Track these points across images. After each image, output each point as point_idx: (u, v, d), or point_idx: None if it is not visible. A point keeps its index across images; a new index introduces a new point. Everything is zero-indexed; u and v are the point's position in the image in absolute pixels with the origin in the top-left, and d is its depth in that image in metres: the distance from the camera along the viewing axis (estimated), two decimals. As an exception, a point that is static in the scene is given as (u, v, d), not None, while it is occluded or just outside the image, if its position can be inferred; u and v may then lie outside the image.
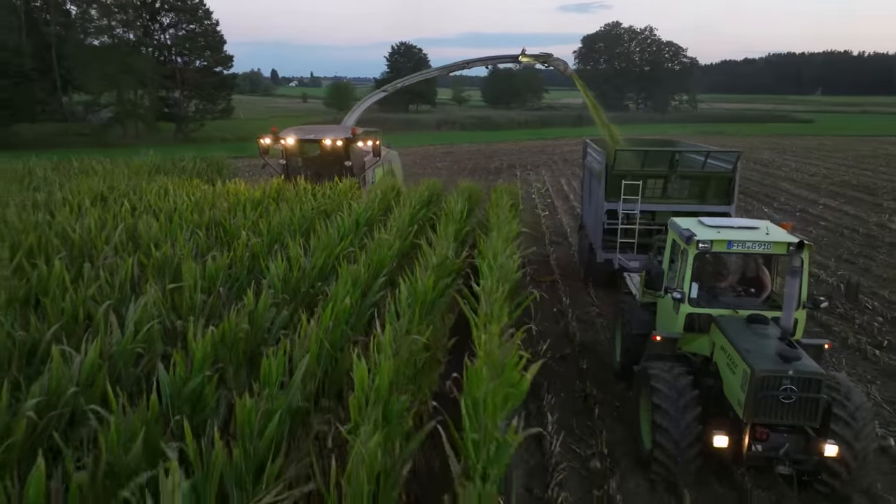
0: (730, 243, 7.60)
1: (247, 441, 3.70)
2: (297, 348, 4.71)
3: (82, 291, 5.74)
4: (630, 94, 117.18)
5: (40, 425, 3.92)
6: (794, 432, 6.61)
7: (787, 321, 6.78)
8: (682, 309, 7.78)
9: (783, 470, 6.53)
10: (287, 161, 18.00)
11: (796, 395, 6.32)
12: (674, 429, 6.65)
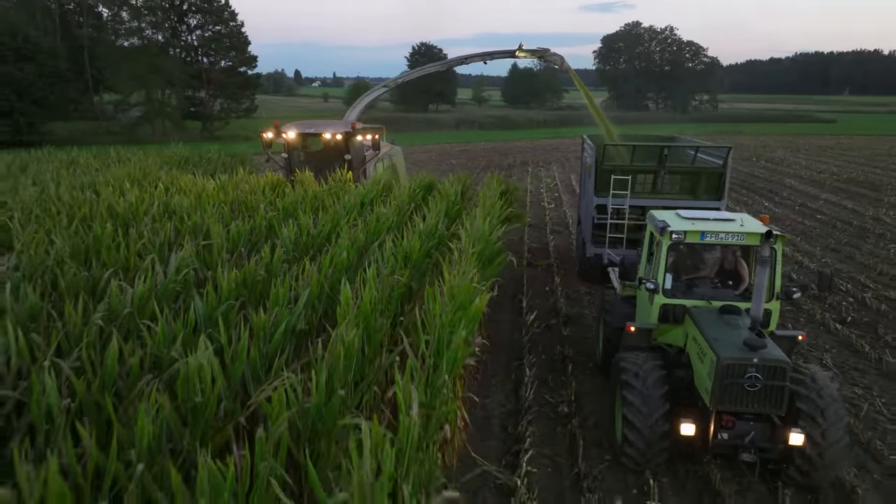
0: (703, 234, 7.63)
1: (261, 343, 4.93)
2: (301, 285, 5.94)
3: (131, 246, 7.06)
4: (650, 94, 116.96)
5: (105, 332, 5.19)
6: (759, 421, 6.70)
7: (756, 311, 6.78)
8: (657, 300, 7.85)
9: (747, 457, 6.62)
10: (289, 155, 18.39)
11: (761, 383, 6.38)
12: (642, 419, 6.72)
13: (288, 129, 17.85)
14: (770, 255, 6.77)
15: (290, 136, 17.80)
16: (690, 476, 7.21)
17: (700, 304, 7.72)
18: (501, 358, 10.53)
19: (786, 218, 22.39)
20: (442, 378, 4.76)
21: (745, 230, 7.56)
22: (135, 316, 5.41)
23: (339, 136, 17.70)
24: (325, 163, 17.20)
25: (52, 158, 16.28)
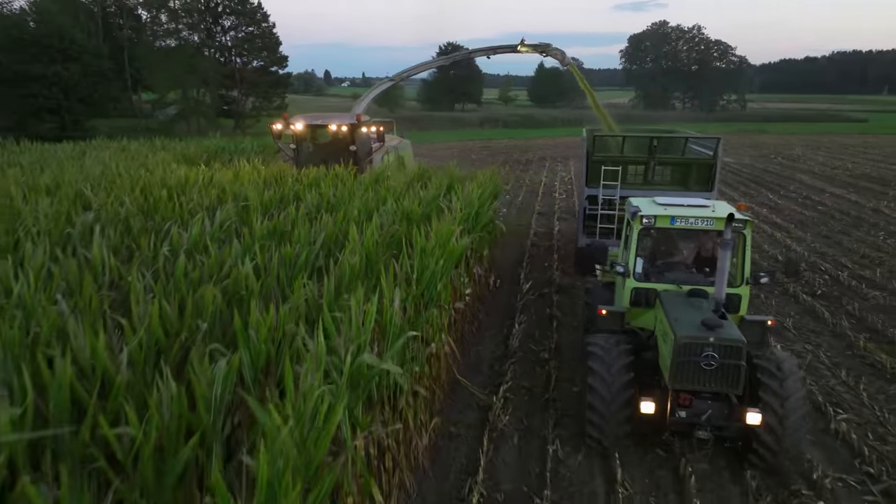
0: (673, 219, 7.70)
1: (287, 266, 6.49)
2: (319, 230, 7.50)
3: (184, 206, 8.72)
4: (677, 94, 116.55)
5: (169, 261, 6.82)
6: (717, 400, 6.81)
7: (719, 293, 6.88)
8: (628, 284, 7.97)
9: (702, 434, 6.74)
10: (297, 146, 18.69)
11: (717, 362, 6.45)
12: (604, 404, 6.82)
13: (296, 121, 18.35)
14: (733, 238, 6.85)
15: (297, 128, 18.27)
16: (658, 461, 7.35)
17: (671, 288, 7.77)
18: (497, 318, 12.01)
19: (786, 208, 23.34)
20: (422, 289, 6.27)
21: (716, 216, 7.56)
22: (192, 250, 7.02)
23: (344, 128, 18.16)
24: (333, 154, 17.62)
25: (105, 147, 18.24)
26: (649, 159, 13.31)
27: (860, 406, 8.62)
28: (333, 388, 3.82)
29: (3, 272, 5.46)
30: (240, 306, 5.19)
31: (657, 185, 13.60)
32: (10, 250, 6.38)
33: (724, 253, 6.72)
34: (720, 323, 6.59)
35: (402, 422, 5.89)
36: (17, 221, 7.57)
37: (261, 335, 4.44)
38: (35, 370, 3.60)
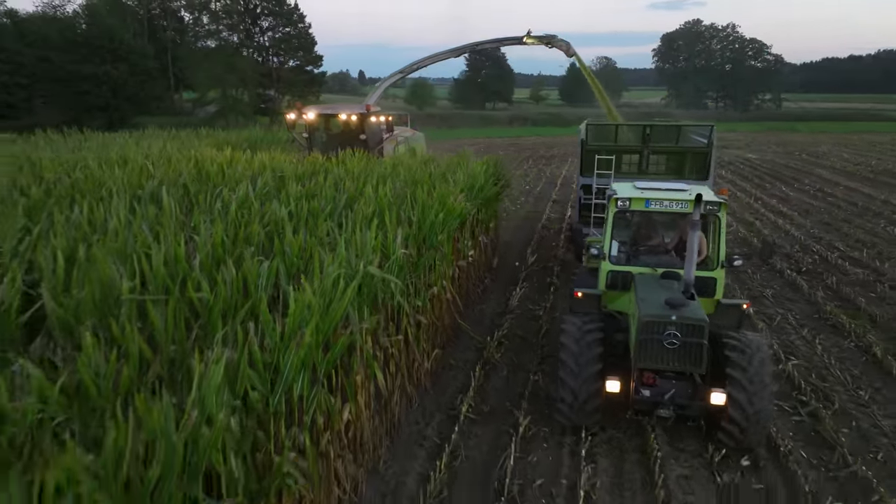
0: (648, 202, 7.72)
1: (317, 216, 8.03)
2: (341, 194, 9.05)
3: (231, 176, 10.39)
4: (710, 93, 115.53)
5: (222, 212, 8.43)
6: (681, 379, 6.83)
7: (688, 274, 6.93)
8: (604, 266, 7.99)
9: (663, 412, 6.75)
10: (310, 135, 19.13)
11: (680, 341, 6.49)
12: (574, 380, 6.89)
13: (308, 111, 18.94)
14: (700, 219, 6.89)
15: (310, 117, 18.77)
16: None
17: (647, 271, 7.83)
18: (501, 285, 13.43)
19: (795, 199, 24.14)
20: (423, 234, 7.79)
21: (690, 199, 7.43)
22: (239, 206, 8.63)
23: (354, 117, 18.73)
24: (344, 142, 17.95)
25: (157, 135, 20.25)
26: (643, 148, 13.27)
27: (812, 355, 9.80)
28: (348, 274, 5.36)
29: (99, 213, 7.14)
30: (278, 237, 6.75)
31: (652, 174, 13.45)
32: (99, 201, 8.06)
33: (693, 234, 6.81)
34: (684, 302, 6.66)
35: (404, 338, 7.37)
36: (101, 184, 9.34)
37: (293, 251, 5.99)
38: (138, 264, 5.20)
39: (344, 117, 19.08)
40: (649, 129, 13.34)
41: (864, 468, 6.74)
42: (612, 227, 8.06)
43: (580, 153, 13.44)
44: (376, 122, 19.15)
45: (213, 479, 3.91)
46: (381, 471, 6.75)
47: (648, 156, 13.36)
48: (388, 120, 19.64)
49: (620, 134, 13.94)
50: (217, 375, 3.56)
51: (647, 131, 13.28)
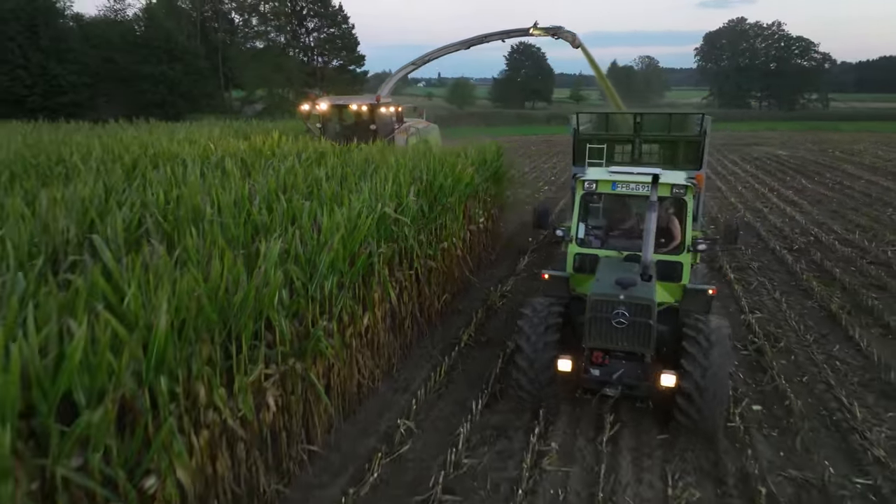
0: (614, 184, 7.68)
1: (349, 177, 9.90)
2: (370, 164, 10.94)
3: (277, 153, 12.43)
4: (754, 93, 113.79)
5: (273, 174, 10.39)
6: (632, 360, 6.78)
7: (645, 256, 6.93)
8: (571, 249, 7.97)
9: (609, 391, 6.81)
10: (323, 125, 19.80)
11: (628, 321, 6.47)
12: (529, 363, 6.97)
13: (321, 102, 19.59)
14: (657, 200, 6.89)
15: (322, 108, 19.49)
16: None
17: (613, 254, 7.82)
18: (513, 254, 15.14)
19: (811, 191, 24.99)
20: (434, 193, 9.59)
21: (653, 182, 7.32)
22: (287, 171, 10.59)
23: (364, 108, 19.43)
24: (356, 132, 18.53)
25: (214, 124, 22.67)
26: (634, 137, 13.06)
27: (776, 311, 11.20)
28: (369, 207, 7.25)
29: (178, 173, 9.17)
30: (317, 188, 8.64)
31: (644, 164, 13.12)
32: (176, 167, 10.11)
33: (650, 215, 6.83)
34: (634, 282, 6.65)
35: (416, 276, 9.17)
36: (176, 155, 11.46)
37: (328, 193, 7.87)
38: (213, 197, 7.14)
39: (355, 108, 19.81)
40: (639, 118, 13.11)
41: (787, 385, 8.22)
42: (580, 210, 8.05)
43: (572, 142, 13.27)
44: (386, 112, 19.79)
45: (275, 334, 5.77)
46: (394, 374, 8.59)
47: (640, 145, 13.08)
48: (397, 111, 20.32)
49: (612, 123, 13.96)
50: (274, 252, 5.43)
51: (638, 120, 13.07)
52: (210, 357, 4.80)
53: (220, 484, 5.03)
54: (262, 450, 5.66)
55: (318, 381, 6.33)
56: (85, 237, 5.93)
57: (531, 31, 23.89)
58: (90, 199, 7.02)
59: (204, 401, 4.76)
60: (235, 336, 5.12)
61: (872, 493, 6.11)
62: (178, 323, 4.42)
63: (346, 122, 20.53)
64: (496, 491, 6.17)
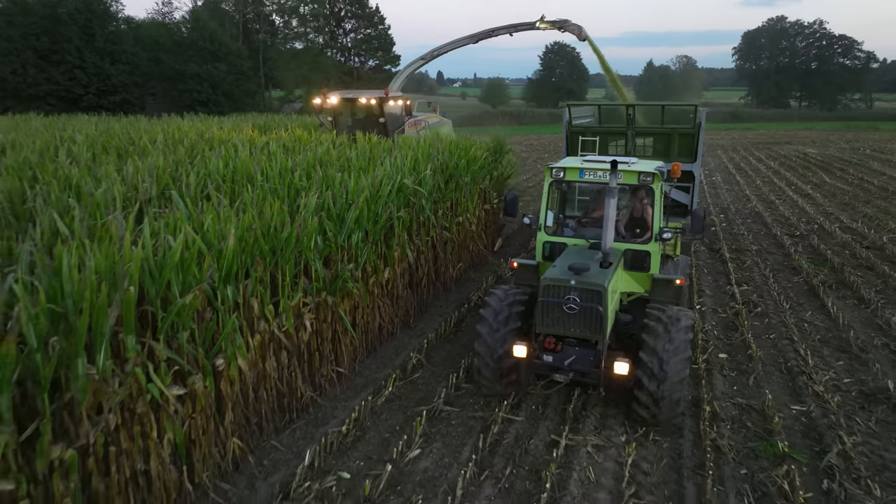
0: (581, 172, 7.60)
1: (376, 156, 11.38)
2: (395, 148, 12.41)
3: (316, 139, 14.02)
4: (794, 93, 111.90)
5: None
6: (585, 347, 6.71)
7: (604, 243, 6.91)
8: (540, 237, 7.99)
9: (558, 377, 6.75)
10: (334, 119, 20.25)
11: (579, 306, 6.42)
12: (488, 352, 7.04)
13: (332, 96, 19.95)
14: (616, 187, 6.85)
15: (332, 102, 19.85)
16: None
17: (581, 242, 7.80)
18: (526, 233, 16.42)
19: (829, 185, 25.53)
20: (449, 172, 10.98)
21: (623, 170, 7.42)
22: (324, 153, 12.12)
23: (373, 101, 19.63)
24: (366, 125, 18.79)
25: (256, 118, 24.55)
26: (626, 130, 12.78)
27: (762, 284, 12.27)
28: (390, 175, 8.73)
29: (231, 152, 10.78)
30: (348, 164, 10.13)
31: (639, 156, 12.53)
32: (229, 148, 11.73)
33: (609, 202, 6.81)
34: (587, 267, 6.62)
35: (432, 244, 10.59)
36: (227, 140, 13.14)
37: (356, 166, 9.35)
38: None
39: (363, 101, 20.06)
40: (631, 111, 12.81)
41: (754, 339, 9.37)
42: (549, 198, 8.04)
43: (565, 135, 13.22)
44: (395, 106, 20.14)
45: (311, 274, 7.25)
46: (410, 324, 10.02)
47: (633, 137, 12.79)
48: (406, 104, 20.70)
49: (604, 115, 13.71)
50: (311, 203, 6.92)
51: (630, 112, 12.77)
52: (262, 279, 6.29)
53: (268, 380, 6.53)
54: (301, 362, 7.15)
55: (345, 315, 7.80)
56: (164, 194, 7.52)
57: (538, 24, 23.69)
58: (164, 168, 8.64)
59: (257, 312, 6.26)
60: (281, 268, 6.61)
61: (804, 417, 7.28)
62: (240, 248, 5.91)
63: (358, 115, 20.87)
64: (488, 406, 7.53)
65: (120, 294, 4.47)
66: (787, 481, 5.90)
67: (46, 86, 52.22)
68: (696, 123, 12.28)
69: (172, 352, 5.23)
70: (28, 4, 53.13)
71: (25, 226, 6.09)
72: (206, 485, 5.66)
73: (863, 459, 6.33)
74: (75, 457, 4.29)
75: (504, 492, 5.91)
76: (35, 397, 4.09)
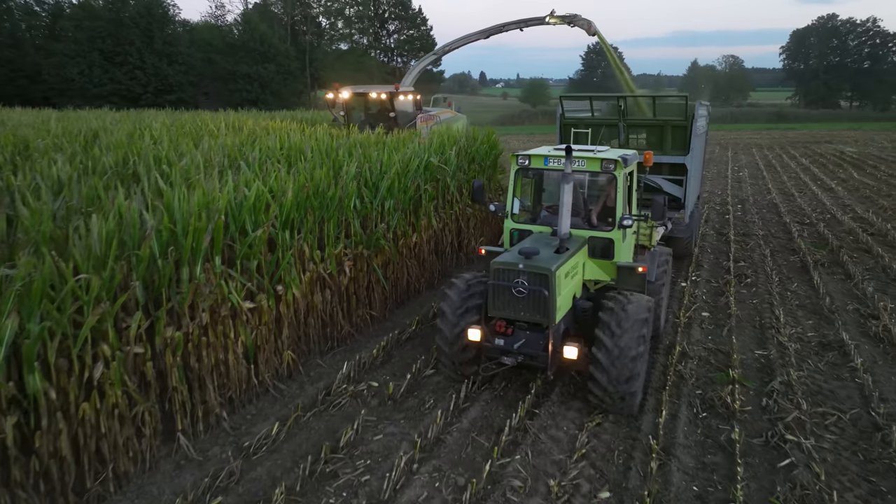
0: (546, 159, 7.67)
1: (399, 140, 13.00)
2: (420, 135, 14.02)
3: (353, 129, 15.77)
4: (846, 93, 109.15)
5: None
6: (535, 331, 6.75)
7: (560, 229, 7.01)
8: (507, 224, 8.08)
9: (505, 360, 6.76)
10: (347, 113, 20.55)
11: (527, 290, 6.48)
12: (446, 340, 7.17)
13: (343, 90, 20.27)
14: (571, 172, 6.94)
15: (344, 96, 20.19)
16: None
17: (546, 230, 7.80)
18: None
19: (856, 181, 25.95)
20: (472, 154, 12.51)
21: (586, 157, 7.50)
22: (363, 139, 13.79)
23: (383, 96, 20.10)
24: (377, 120, 19.20)
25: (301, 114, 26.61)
26: (618, 122, 12.52)
27: (760, 262, 13.38)
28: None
29: (285, 138, 12.56)
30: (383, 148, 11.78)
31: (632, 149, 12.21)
32: (283, 134, 13.53)
33: (565, 187, 6.89)
34: (536, 251, 6.66)
35: (455, 218, 12.14)
36: (281, 128, 14.99)
37: (390, 146, 10.98)
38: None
39: (374, 96, 20.47)
40: (622, 103, 12.50)
41: (735, 303, 10.61)
42: (514, 185, 8.11)
43: (558, 127, 13.07)
44: (405, 100, 20.41)
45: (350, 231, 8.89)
46: (434, 285, 11.59)
47: (626, 129, 12.62)
48: (416, 99, 21.06)
49: (596, 107, 13.35)
50: (351, 170, 8.57)
51: (621, 104, 12.46)
52: (312, 229, 7.95)
53: (315, 311, 8.19)
54: (341, 301, 8.80)
55: (378, 268, 9.42)
56: (234, 164, 9.30)
57: (547, 19, 23.72)
58: (231, 146, 10.44)
59: (307, 255, 7.92)
60: (326, 222, 8.26)
61: (763, 359, 8.55)
62: (295, 202, 7.58)
63: (371, 110, 21.23)
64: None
65: (212, 222, 6.17)
66: (730, 397, 7.24)
67: (110, 85, 55.83)
68: (687, 116, 12.02)
69: (243, 278, 6.92)
70: (95, 9, 56.92)
71: (129, 183, 7.91)
72: (268, 383, 7.35)
73: (801, 387, 7.60)
74: (181, 338, 5.99)
75: (497, 398, 7.42)
76: (159, 291, 5.82)
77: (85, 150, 10.28)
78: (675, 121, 12.22)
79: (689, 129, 11.98)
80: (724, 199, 21.61)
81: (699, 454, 6.28)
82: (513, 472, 5.84)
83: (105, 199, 6.44)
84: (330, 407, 7.18)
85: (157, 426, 5.89)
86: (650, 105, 12.99)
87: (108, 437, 5.40)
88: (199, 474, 5.83)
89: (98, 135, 12.72)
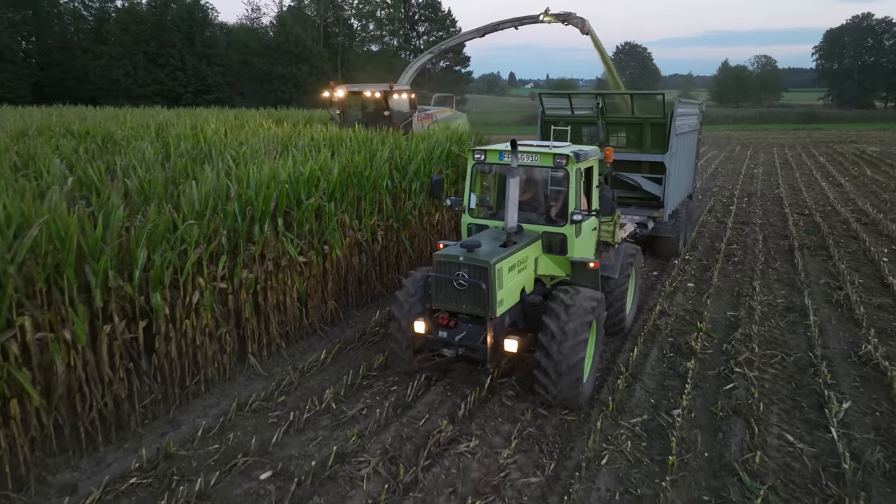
0: (501, 154, 7.75)
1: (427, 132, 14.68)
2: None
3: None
4: (880, 93, 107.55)
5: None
6: (477, 324, 6.78)
7: (506, 223, 7.11)
8: (463, 219, 8.19)
9: (445, 352, 6.79)
10: (343, 112, 20.68)
11: (467, 282, 6.58)
12: (399, 322, 7.22)
13: (339, 89, 20.47)
14: (517, 166, 7.05)
15: (339, 95, 20.33)
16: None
17: (500, 224, 7.70)
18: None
19: (868, 177, 26.86)
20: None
21: (540, 152, 7.57)
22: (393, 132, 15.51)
23: (378, 94, 20.22)
24: (373, 118, 19.31)
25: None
26: (598, 120, 12.56)
27: (752, 244, 14.73)
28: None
29: (324, 129, 14.34)
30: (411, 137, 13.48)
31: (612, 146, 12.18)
32: (322, 127, 15.32)
33: (511, 181, 7.00)
34: (478, 244, 6.77)
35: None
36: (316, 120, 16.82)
37: (417, 137, 12.66)
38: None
39: (368, 94, 20.57)
40: (601, 101, 12.55)
41: (721, 275, 12.03)
42: (471, 181, 8.14)
43: (539, 124, 13.22)
44: (399, 99, 20.58)
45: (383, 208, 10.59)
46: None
47: (606, 126, 12.68)
48: (411, 98, 21.32)
49: (576, 105, 13.33)
50: (384, 155, 10.28)
51: (600, 103, 12.50)
52: (351, 202, 9.68)
53: (353, 270, 9.92)
54: (374, 265, 10.50)
55: (405, 240, 11.11)
56: (285, 151, 11.10)
57: (541, 17, 23.89)
58: (280, 136, 12.26)
59: (347, 224, 9.65)
60: (363, 198, 9.98)
61: (732, 318, 9.99)
62: (339, 179, 9.31)
63: (367, 109, 21.28)
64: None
65: (277, 189, 7.93)
66: (695, 343, 8.74)
67: (154, 86, 58.71)
68: (666, 114, 12.08)
69: (297, 239, 8.66)
70: (139, 13, 59.95)
71: (205, 162, 9.75)
72: (316, 325, 9.10)
73: (759, 338, 9.05)
74: (252, 279, 7.75)
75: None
76: (237, 242, 7.59)
77: (157, 138, 12.22)
78: (653, 119, 12.32)
79: (668, 127, 12.05)
80: (732, 193, 22.81)
81: (661, 380, 7.82)
82: (507, 385, 7.47)
83: (192, 172, 8.25)
84: (365, 343, 8.90)
85: (234, 346, 7.65)
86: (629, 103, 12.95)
87: (201, 349, 7.17)
88: (265, 383, 7.57)
89: (164, 127, 14.69)
